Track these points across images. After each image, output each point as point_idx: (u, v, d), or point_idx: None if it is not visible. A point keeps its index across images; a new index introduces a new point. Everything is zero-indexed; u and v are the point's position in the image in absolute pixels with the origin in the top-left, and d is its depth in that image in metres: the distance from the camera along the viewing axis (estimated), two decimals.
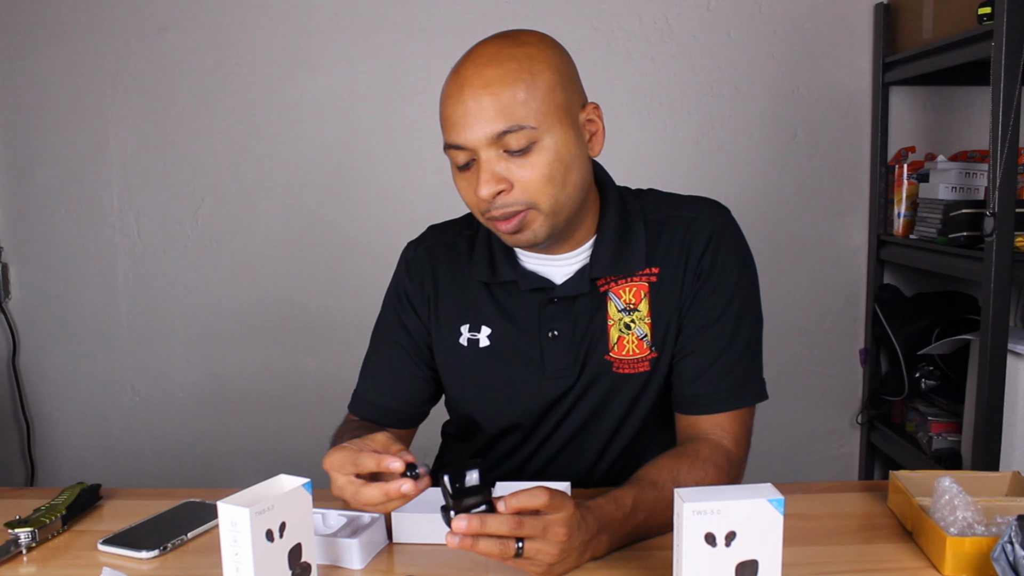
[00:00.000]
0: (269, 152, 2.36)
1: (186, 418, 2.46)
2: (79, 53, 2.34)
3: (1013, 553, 0.82)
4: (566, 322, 1.12)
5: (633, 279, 1.11)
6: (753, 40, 2.29)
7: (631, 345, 1.11)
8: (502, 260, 1.14)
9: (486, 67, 1.00)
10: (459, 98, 1.00)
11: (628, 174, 2.53)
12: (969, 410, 1.84)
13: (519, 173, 1.00)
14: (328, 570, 0.95)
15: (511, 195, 1.01)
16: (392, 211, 2.34)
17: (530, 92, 0.99)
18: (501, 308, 1.15)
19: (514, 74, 0.99)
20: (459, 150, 1.01)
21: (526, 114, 0.98)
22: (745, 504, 0.78)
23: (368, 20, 2.31)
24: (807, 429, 2.42)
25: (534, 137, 0.99)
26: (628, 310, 1.11)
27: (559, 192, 1.02)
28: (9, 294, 2.45)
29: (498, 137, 0.98)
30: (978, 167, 1.94)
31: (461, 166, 1.03)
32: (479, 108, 0.98)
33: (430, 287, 1.19)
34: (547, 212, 1.02)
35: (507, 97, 0.98)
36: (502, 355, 1.15)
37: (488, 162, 1.00)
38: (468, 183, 1.03)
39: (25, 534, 1.01)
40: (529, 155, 1.00)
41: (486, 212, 1.03)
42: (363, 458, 0.90)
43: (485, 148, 0.99)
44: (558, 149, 1.01)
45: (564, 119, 1.02)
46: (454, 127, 1.00)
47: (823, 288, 2.37)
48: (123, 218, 2.40)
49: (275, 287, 2.41)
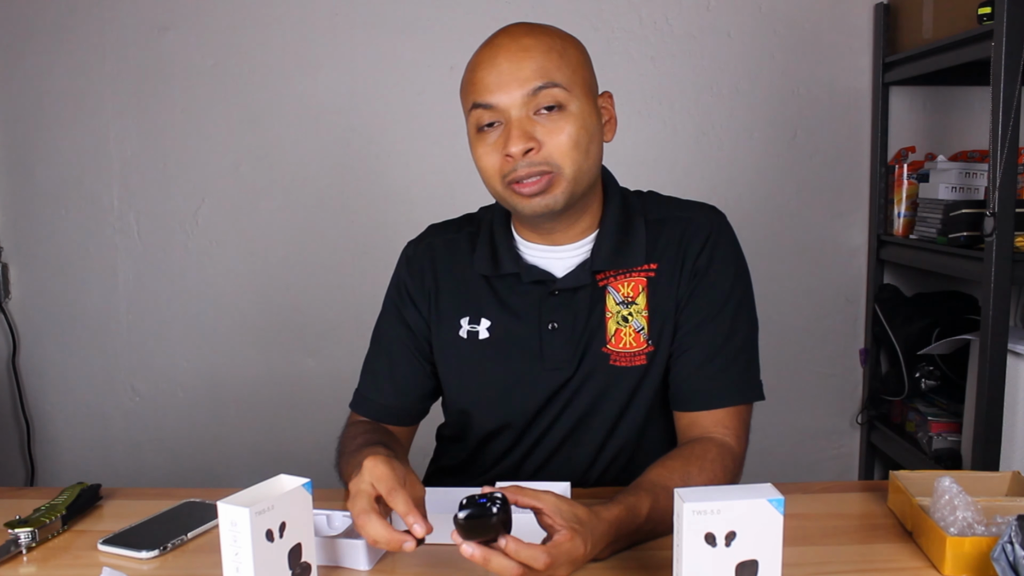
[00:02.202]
0: (269, 152, 2.36)
1: (186, 418, 2.46)
2: (79, 53, 2.34)
3: (1013, 553, 0.82)
4: (566, 315, 1.13)
5: (632, 274, 1.13)
6: (753, 40, 2.29)
7: (628, 338, 1.12)
8: (505, 253, 1.16)
9: (522, 36, 1.06)
10: (493, 62, 1.05)
11: (628, 174, 2.52)
12: (969, 410, 1.84)
13: (548, 136, 1.04)
14: (333, 571, 0.95)
15: (539, 154, 1.04)
16: (392, 211, 2.35)
17: (563, 59, 1.06)
18: (501, 301, 1.16)
19: (548, 43, 1.06)
20: (487, 110, 1.05)
21: (559, 76, 1.04)
22: (745, 504, 0.78)
23: (368, 20, 2.31)
24: (807, 429, 2.42)
25: (564, 100, 1.04)
26: (626, 303, 1.12)
27: (583, 160, 1.06)
28: (9, 294, 2.45)
29: (533, 94, 1.03)
30: (978, 167, 1.94)
31: (485, 125, 1.06)
32: (516, 68, 1.04)
33: (430, 282, 1.20)
34: (569, 178, 1.05)
35: (542, 59, 1.04)
36: (501, 347, 1.16)
37: (520, 120, 1.04)
38: (492, 146, 1.06)
39: (25, 534, 1.01)
40: (558, 118, 1.04)
41: (509, 174, 1.05)
42: (397, 497, 0.88)
43: (518, 107, 1.04)
44: (584, 118, 1.06)
45: (588, 94, 1.08)
46: (487, 88, 1.05)
47: (823, 288, 2.37)
48: (123, 218, 2.40)
49: (275, 287, 2.41)
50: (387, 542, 0.87)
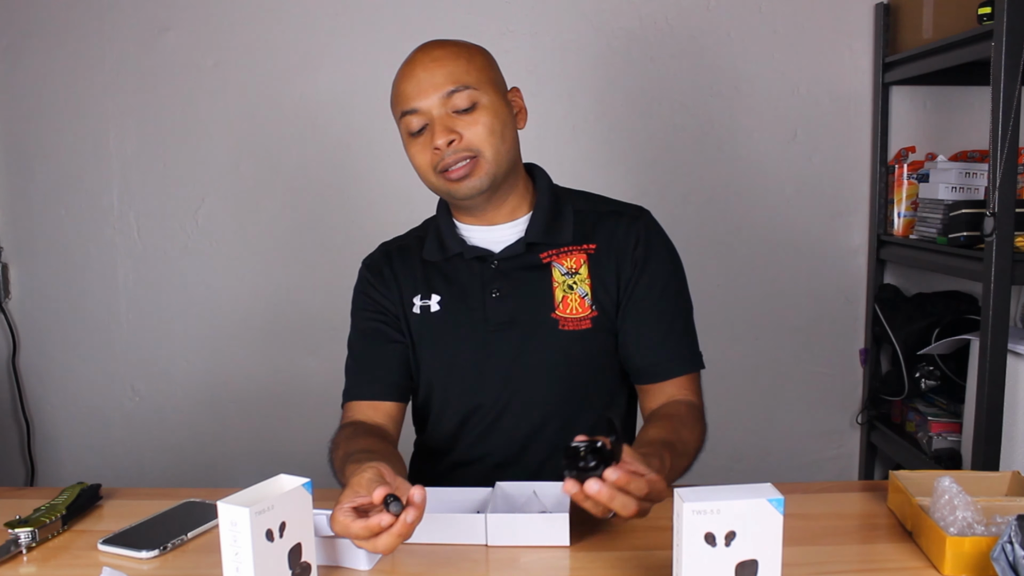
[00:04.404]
0: (269, 152, 2.36)
1: (186, 418, 2.46)
2: (79, 53, 2.34)
3: (1013, 553, 0.82)
4: (508, 284, 1.27)
5: (573, 251, 1.27)
6: (753, 40, 2.29)
7: (574, 304, 1.26)
8: (449, 239, 1.30)
9: (433, 49, 1.23)
10: (411, 74, 1.21)
11: (628, 174, 2.53)
12: (969, 410, 1.84)
13: (467, 128, 1.20)
14: (333, 571, 0.95)
15: (462, 143, 1.19)
16: (392, 211, 2.34)
17: (470, 63, 1.22)
18: (449, 279, 1.30)
19: (455, 52, 1.22)
20: (414, 115, 1.20)
21: (468, 79, 1.20)
22: (745, 504, 0.78)
23: (368, 20, 2.31)
24: (807, 429, 2.42)
25: (476, 98, 1.20)
26: (570, 274, 1.27)
27: (500, 144, 1.21)
28: (9, 294, 2.45)
29: (448, 96, 1.19)
30: (978, 167, 1.94)
31: (415, 132, 1.22)
32: (431, 76, 1.20)
33: (389, 274, 1.34)
34: (490, 160, 1.21)
35: (452, 66, 1.20)
36: (450, 315, 1.29)
37: (441, 118, 1.20)
38: (422, 145, 1.22)
39: (25, 534, 1.01)
40: (473, 113, 1.20)
41: (438, 165, 1.20)
42: (351, 528, 0.90)
43: (437, 107, 1.19)
44: (496, 109, 1.21)
45: (497, 90, 1.24)
46: (409, 97, 1.21)
47: (823, 288, 2.37)
48: (123, 218, 2.40)
49: (275, 287, 2.41)
50: (367, 528, 0.88)
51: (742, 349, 2.38)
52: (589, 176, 2.18)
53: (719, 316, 2.33)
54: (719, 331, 2.30)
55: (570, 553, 0.99)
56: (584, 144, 2.29)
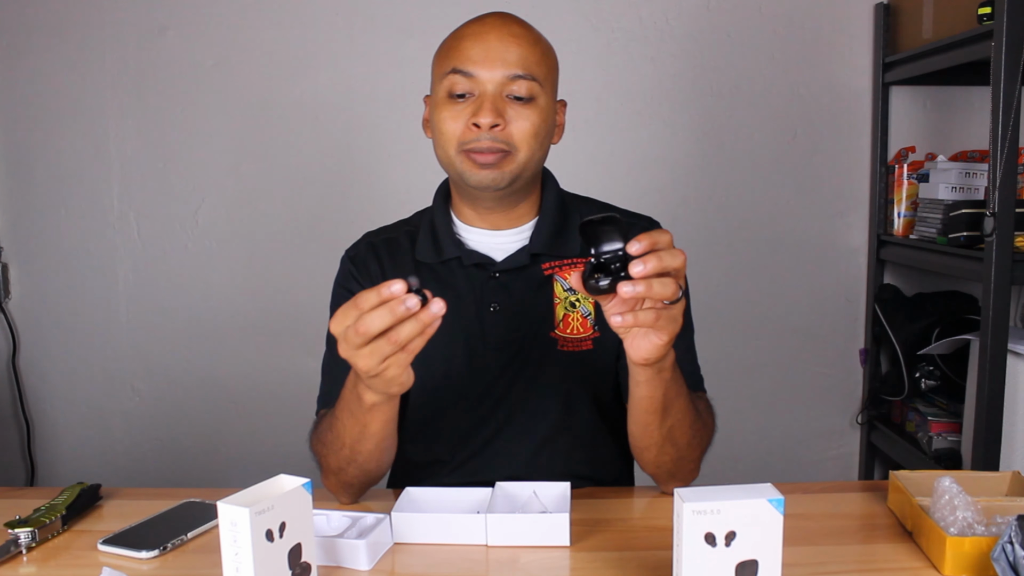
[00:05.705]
0: (269, 152, 2.36)
1: (186, 418, 2.46)
2: (79, 53, 2.34)
3: (1013, 553, 0.82)
4: (507, 297, 1.18)
5: (579, 264, 1.19)
6: (753, 40, 2.29)
7: (576, 323, 1.18)
8: (445, 239, 1.21)
9: (513, 23, 1.14)
10: (482, 36, 1.11)
11: (628, 174, 2.52)
12: (969, 410, 1.84)
13: (515, 118, 1.11)
14: (333, 571, 0.95)
15: (503, 132, 1.10)
16: (392, 211, 2.33)
17: (544, 57, 1.14)
18: (444, 284, 1.20)
19: (535, 38, 1.14)
20: (466, 78, 1.10)
21: (538, 71, 1.12)
22: (745, 504, 0.78)
23: (368, 20, 2.31)
24: (807, 429, 2.42)
25: (536, 92, 1.12)
26: (574, 290, 1.18)
27: (537, 149, 1.14)
28: (9, 294, 2.45)
29: (512, 78, 1.10)
30: (978, 167, 1.94)
31: (455, 94, 1.11)
32: (504, 49, 1.10)
33: (376, 269, 1.24)
34: (522, 161, 1.12)
35: (528, 50, 1.12)
36: (445, 328, 1.14)
37: (495, 97, 1.10)
38: (458, 112, 1.11)
39: (25, 534, 1.01)
40: (527, 107, 1.11)
41: (470, 143, 1.11)
42: (362, 298, 0.85)
43: (497, 84, 1.10)
44: (547, 113, 1.14)
45: (553, 94, 1.17)
46: (470, 58, 1.11)
47: (823, 288, 2.38)
48: (123, 218, 2.40)
49: (275, 287, 2.40)
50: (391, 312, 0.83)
51: (742, 349, 2.38)
52: (589, 176, 2.17)
53: (719, 316, 2.33)
54: (719, 331, 2.30)
55: (570, 553, 0.99)
56: (584, 144, 2.29)
